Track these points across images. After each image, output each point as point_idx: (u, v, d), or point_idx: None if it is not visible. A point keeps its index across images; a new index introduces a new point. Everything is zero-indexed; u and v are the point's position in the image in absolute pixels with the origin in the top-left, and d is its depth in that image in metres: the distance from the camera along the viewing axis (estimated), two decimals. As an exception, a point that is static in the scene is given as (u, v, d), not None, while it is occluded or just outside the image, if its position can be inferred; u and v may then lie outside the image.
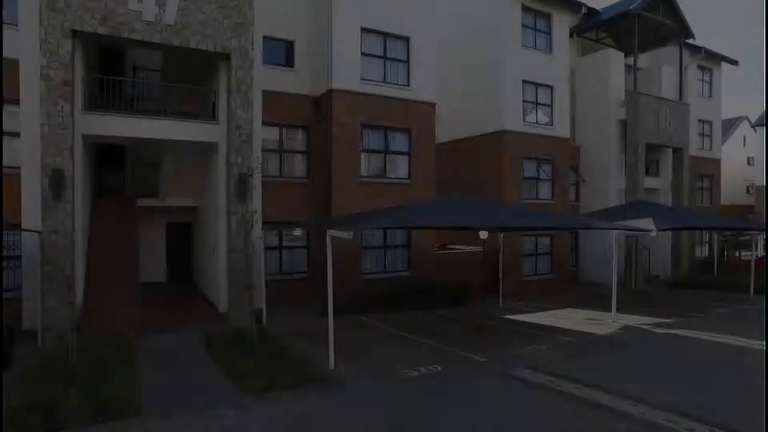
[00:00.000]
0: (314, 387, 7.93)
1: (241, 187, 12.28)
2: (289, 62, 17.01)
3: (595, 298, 18.71)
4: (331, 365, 9.10)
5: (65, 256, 10.73)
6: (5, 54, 12.23)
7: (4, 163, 12.54)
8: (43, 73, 10.69)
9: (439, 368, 9.08)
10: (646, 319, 13.60)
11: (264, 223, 13.24)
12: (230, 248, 12.54)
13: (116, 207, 14.82)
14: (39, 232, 10.60)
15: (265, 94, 13.64)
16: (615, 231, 13.56)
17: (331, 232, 8.76)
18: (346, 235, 8.21)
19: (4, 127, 12.57)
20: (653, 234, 12.50)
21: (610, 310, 14.67)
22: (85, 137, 11.95)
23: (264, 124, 13.63)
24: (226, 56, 12.58)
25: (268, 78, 14.63)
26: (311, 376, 8.40)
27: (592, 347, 10.59)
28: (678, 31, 23.08)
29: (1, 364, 7.88)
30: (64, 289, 10.65)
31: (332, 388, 7.94)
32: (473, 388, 8.06)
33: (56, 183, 10.54)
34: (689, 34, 23.09)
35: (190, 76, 14.31)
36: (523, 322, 13.69)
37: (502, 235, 17.39)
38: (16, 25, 11.75)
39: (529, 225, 12.25)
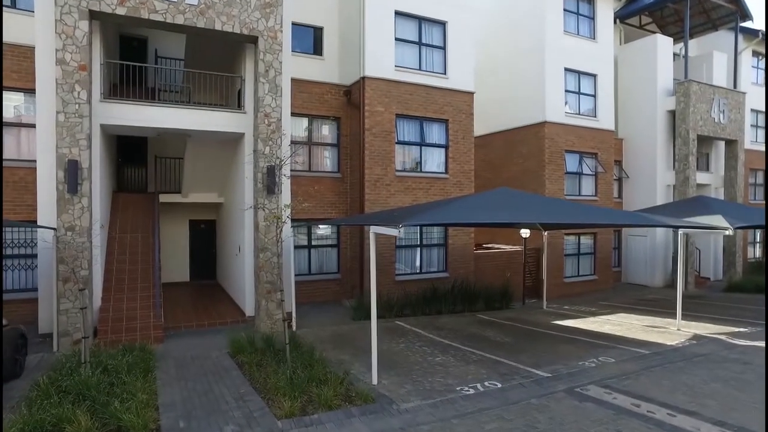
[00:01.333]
0: (357, 408, 6.88)
1: (269, 180, 11.29)
2: (317, 50, 16.06)
3: (643, 301, 17.34)
4: (374, 380, 8.04)
5: (81, 255, 9.87)
6: (23, 41, 11.60)
7: (24, 156, 11.87)
8: (58, 56, 9.84)
9: (498, 385, 7.93)
10: (716, 328, 12.21)
11: (292, 220, 12.27)
12: (257, 247, 11.57)
13: (137, 203, 14.01)
14: (54, 229, 9.77)
15: (293, 83, 12.67)
16: (679, 229, 12.22)
17: (375, 229, 7.67)
18: (395, 232, 7.11)
19: (24, 118, 11.92)
20: (729, 232, 11.12)
21: (667, 316, 13.36)
22: (104, 127, 11.11)
23: (292, 114, 12.65)
24: (254, 39, 11.61)
25: (296, 66, 13.66)
26: (353, 394, 7.35)
27: (668, 361, 9.31)
28: (733, 13, 21.44)
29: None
30: (80, 290, 9.80)
31: (379, 410, 6.87)
32: (542, 410, 6.90)
33: (72, 175, 9.68)
34: (746, 16, 21.41)
35: (214, 65, 13.43)
36: (577, 329, 12.43)
37: (546, 233, 16.12)
38: (32, 11, 11.04)
39: (593, 222, 10.97)
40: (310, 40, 16.07)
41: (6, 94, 11.82)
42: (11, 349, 7.97)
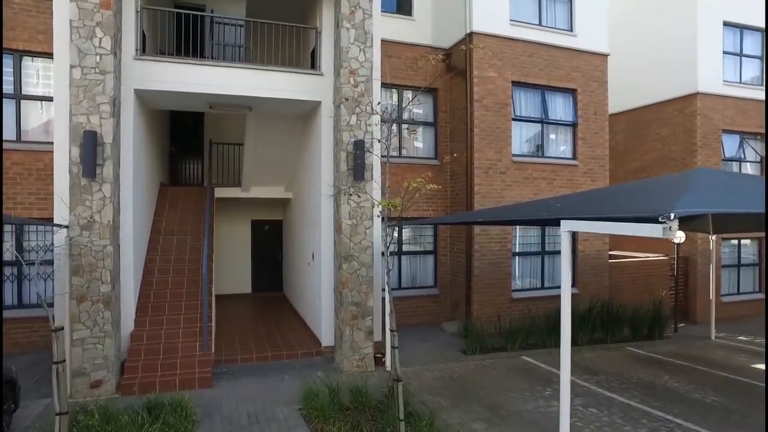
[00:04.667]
0: None
1: (357, 161, 8.13)
2: (403, 8, 12.72)
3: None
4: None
5: (102, 264, 7.08)
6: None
7: (52, 138, 9.35)
8: (73, -12, 7.14)
9: None
10: None
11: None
12: (339, 255, 8.41)
13: (188, 198, 11.30)
14: (65, 227, 7.03)
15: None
16: None
17: (585, 226, 4.21)
18: (677, 235, 3.59)
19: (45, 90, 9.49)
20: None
21: None
22: (140, 94, 8.37)
23: (379, 82, 9.47)
24: (334, -28, 8.55)
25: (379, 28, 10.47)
26: None
27: None
28: None
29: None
30: (101, 311, 7.02)
31: None
32: None
33: (89, 152, 6.91)
34: None
35: (281, 26, 10.49)
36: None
37: (714, 237, 12.01)
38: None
39: None
40: (394, -2, 12.85)
41: (28, 62, 9.42)
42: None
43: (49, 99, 9.20)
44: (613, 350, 10.26)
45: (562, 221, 4.19)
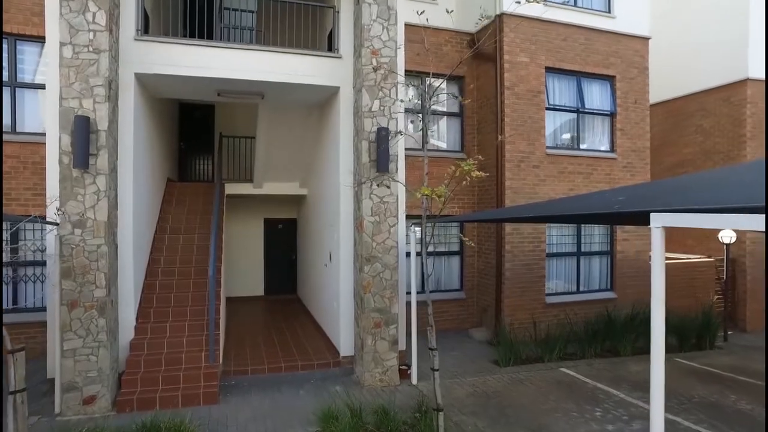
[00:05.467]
0: None
1: (380, 151, 7.27)
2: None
3: None
4: None
5: (97, 265, 6.32)
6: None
7: (39, 129, 8.66)
8: (63, -43, 6.40)
9: None
10: None
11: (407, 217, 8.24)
12: (360, 256, 7.57)
13: (196, 194, 10.55)
14: (55, 224, 6.29)
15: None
16: None
17: (670, 219, 3.30)
18: None
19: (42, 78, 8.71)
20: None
21: None
22: (141, 79, 7.60)
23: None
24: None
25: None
26: None
27: None
28: None
29: None
30: (95, 318, 6.27)
31: None
32: None
33: (81, 140, 6.15)
34: None
35: (295, 5, 9.67)
36: None
37: (769, 238, 10.95)
38: None
39: None
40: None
41: (23, 46, 8.73)
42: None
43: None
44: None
45: (651, 215, 3.27)
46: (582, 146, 11.03)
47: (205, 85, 8.15)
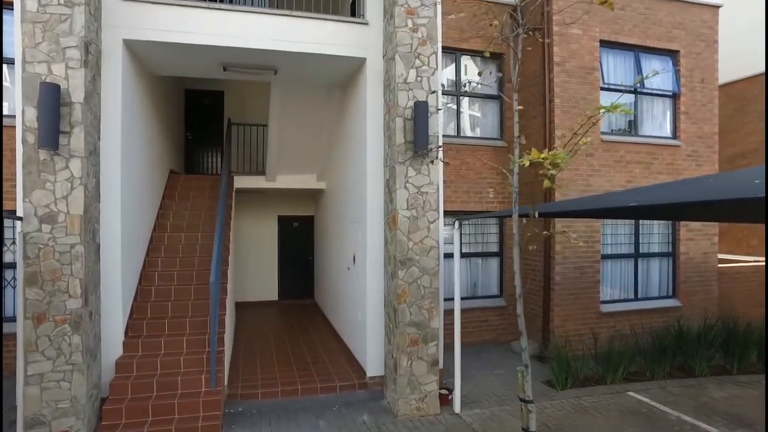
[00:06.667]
0: None
1: (418, 129, 5.94)
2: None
3: None
4: None
5: (69, 270, 5.09)
6: None
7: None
8: None
9: None
10: None
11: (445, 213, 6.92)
12: (393, 258, 6.26)
13: (201, 188, 9.35)
14: (18, 218, 5.08)
15: None
16: None
17: None
18: None
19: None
20: None
21: None
22: (132, 47, 6.39)
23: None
24: None
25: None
26: None
27: None
28: None
29: None
30: (68, 335, 5.04)
31: None
32: None
33: (49, 114, 4.92)
34: None
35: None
36: None
37: None
38: None
39: None
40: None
41: (9, 16, 7.57)
42: None
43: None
44: (748, 386, 7.77)
45: None
46: (641, 132, 9.59)
47: (209, 57, 6.91)
